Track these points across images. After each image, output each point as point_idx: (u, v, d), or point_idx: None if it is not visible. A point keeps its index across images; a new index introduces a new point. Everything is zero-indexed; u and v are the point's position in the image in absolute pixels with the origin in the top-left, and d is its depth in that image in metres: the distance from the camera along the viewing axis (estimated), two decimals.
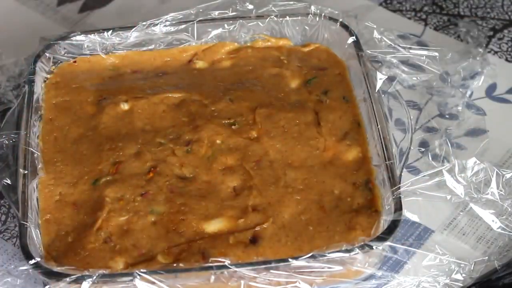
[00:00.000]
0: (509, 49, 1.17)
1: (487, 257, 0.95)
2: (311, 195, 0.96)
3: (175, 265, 0.89)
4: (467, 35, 1.17)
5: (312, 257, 0.86)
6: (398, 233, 0.90)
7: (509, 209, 0.97)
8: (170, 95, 1.05)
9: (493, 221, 0.96)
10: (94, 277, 0.85)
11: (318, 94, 1.06)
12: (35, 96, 1.03)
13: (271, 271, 0.86)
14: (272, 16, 1.10)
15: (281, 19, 1.10)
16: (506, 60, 1.16)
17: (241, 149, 1.00)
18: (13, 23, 1.23)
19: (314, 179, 0.97)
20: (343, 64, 1.09)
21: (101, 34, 1.09)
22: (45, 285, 0.87)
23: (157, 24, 1.09)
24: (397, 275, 0.93)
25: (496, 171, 0.96)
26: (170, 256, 0.91)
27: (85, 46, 1.09)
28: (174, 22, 1.09)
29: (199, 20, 1.10)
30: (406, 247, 0.94)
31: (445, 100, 1.09)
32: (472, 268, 0.93)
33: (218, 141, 1.00)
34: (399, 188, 0.92)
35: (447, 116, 1.08)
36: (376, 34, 1.09)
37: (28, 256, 0.87)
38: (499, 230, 0.96)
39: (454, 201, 0.97)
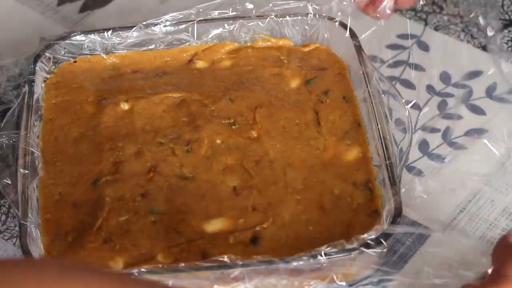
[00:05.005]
0: (509, 49, 1.17)
1: (487, 257, 0.95)
2: (311, 195, 0.96)
3: (175, 265, 0.89)
4: (467, 35, 1.17)
5: (312, 257, 0.86)
6: (398, 233, 0.90)
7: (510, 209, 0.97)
8: (170, 95, 1.05)
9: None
10: None
11: (318, 94, 1.06)
12: (35, 96, 1.03)
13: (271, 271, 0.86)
14: (272, 16, 1.10)
15: (281, 19, 1.11)
16: (506, 60, 1.15)
17: (241, 149, 1.00)
18: (13, 23, 1.23)
19: (314, 179, 0.97)
20: (343, 64, 1.09)
21: (101, 34, 1.09)
22: None
23: (157, 24, 1.09)
24: (397, 275, 0.93)
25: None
26: (170, 256, 0.91)
27: (85, 46, 1.09)
28: (174, 22, 1.09)
29: (199, 20, 1.10)
30: (406, 247, 0.94)
31: (445, 100, 1.09)
32: (472, 268, 0.93)
33: (218, 141, 1.00)
34: (399, 188, 0.92)
35: (447, 116, 1.08)
36: (376, 34, 1.09)
37: (28, 256, 0.87)
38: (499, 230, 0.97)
39: (454, 201, 0.97)
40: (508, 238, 0.84)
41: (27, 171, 0.95)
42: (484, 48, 1.15)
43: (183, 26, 1.10)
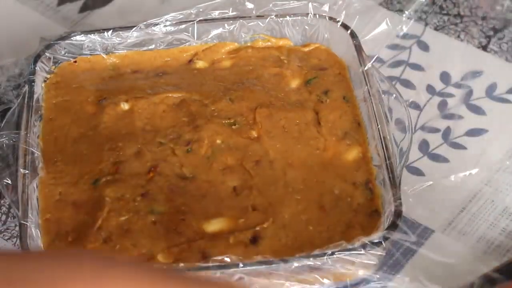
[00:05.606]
0: (509, 49, 1.17)
1: (487, 257, 0.95)
2: (311, 195, 0.96)
3: (175, 265, 0.89)
4: (467, 35, 1.17)
5: (312, 257, 0.86)
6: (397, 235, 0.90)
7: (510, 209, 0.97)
8: (170, 95, 1.05)
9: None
10: None
11: (318, 94, 1.06)
12: (35, 96, 1.02)
13: (271, 271, 0.86)
14: (272, 16, 1.10)
15: (281, 19, 1.11)
16: (506, 60, 1.16)
17: (241, 149, 1.00)
18: (13, 23, 1.23)
19: (314, 179, 0.97)
20: (343, 64, 1.09)
21: (102, 34, 1.09)
22: None
23: (157, 24, 1.09)
24: (397, 275, 0.93)
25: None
26: (170, 256, 0.91)
27: (85, 46, 1.09)
28: (174, 22, 1.09)
29: (199, 20, 1.10)
30: (406, 248, 0.94)
31: (445, 100, 1.09)
32: (472, 268, 0.93)
33: (218, 141, 1.00)
34: (399, 188, 0.92)
35: (447, 116, 1.08)
36: (376, 34, 1.09)
37: None
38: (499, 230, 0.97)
39: (454, 201, 0.97)
40: None
41: (27, 171, 0.95)
42: (484, 48, 1.15)
43: (183, 26, 1.10)
